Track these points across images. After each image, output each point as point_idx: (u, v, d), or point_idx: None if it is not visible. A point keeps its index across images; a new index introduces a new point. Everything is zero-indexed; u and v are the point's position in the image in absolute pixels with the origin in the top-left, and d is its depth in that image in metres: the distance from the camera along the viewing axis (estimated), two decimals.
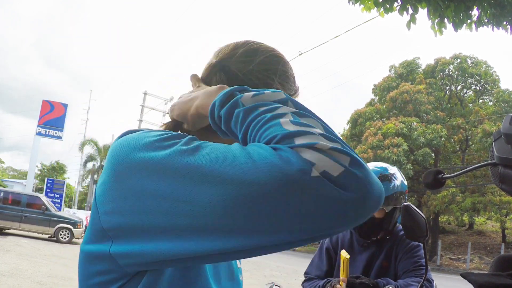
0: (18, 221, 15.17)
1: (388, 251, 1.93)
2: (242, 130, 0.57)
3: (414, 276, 1.78)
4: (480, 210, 23.78)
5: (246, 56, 0.79)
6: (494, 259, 0.73)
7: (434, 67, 28.43)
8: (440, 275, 17.55)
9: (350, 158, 0.49)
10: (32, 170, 29.26)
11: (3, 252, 10.66)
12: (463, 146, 27.48)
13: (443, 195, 22.80)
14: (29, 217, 15.06)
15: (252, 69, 0.78)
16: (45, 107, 27.71)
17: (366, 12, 4.70)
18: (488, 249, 24.47)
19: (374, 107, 28.23)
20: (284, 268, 15.69)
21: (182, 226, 0.52)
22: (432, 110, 25.76)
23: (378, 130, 24.78)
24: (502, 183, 0.72)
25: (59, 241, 15.14)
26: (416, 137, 23.92)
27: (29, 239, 14.85)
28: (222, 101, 0.61)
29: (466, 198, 22.82)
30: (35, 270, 8.65)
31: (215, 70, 0.80)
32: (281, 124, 0.52)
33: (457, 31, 4.50)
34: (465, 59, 27.59)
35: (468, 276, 0.68)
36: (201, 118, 0.72)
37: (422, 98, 25.65)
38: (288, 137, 0.50)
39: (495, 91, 27.05)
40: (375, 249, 1.96)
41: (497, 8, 4.34)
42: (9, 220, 15.12)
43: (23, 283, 7.23)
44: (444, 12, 4.42)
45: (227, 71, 0.79)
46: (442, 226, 29.22)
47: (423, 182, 0.88)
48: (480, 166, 0.83)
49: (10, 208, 15.21)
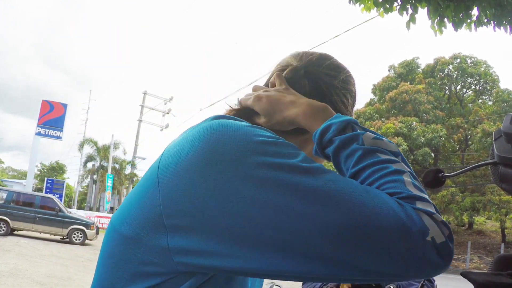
0: (31, 222, 15.26)
1: None
2: (356, 167, 0.59)
3: None
4: (479, 210, 23.80)
5: (332, 70, 0.80)
6: (494, 258, 0.73)
7: (434, 67, 28.45)
8: (440, 274, 17.53)
9: (448, 232, 0.54)
10: (32, 170, 29.23)
11: (2, 252, 10.65)
12: (463, 146, 27.50)
13: (443, 195, 22.81)
14: (42, 218, 15.02)
15: (335, 85, 0.79)
16: (44, 107, 27.69)
17: (365, 12, 4.70)
18: (488, 248, 24.48)
19: (374, 107, 28.25)
20: None
21: (279, 240, 0.51)
22: (432, 110, 25.78)
23: (377, 130, 24.79)
24: (502, 182, 0.72)
25: (72, 242, 15.09)
26: (416, 137, 23.94)
27: (28, 239, 14.84)
28: (340, 128, 0.63)
29: (465, 197, 22.84)
30: (35, 270, 8.65)
31: (300, 75, 0.79)
32: (405, 183, 0.56)
33: (457, 30, 4.49)
34: (464, 59, 27.62)
35: (468, 275, 0.68)
36: (291, 125, 0.72)
37: (422, 98, 25.67)
38: (412, 198, 0.54)
39: (495, 90, 27.08)
40: None
41: (497, 8, 4.34)
42: (22, 221, 15.26)
43: (23, 283, 7.23)
44: (444, 12, 4.41)
45: (312, 80, 0.78)
46: None
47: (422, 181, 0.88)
48: (480, 165, 0.83)
49: (23, 209, 15.35)
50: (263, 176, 0.53)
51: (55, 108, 28.19)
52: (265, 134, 0.58)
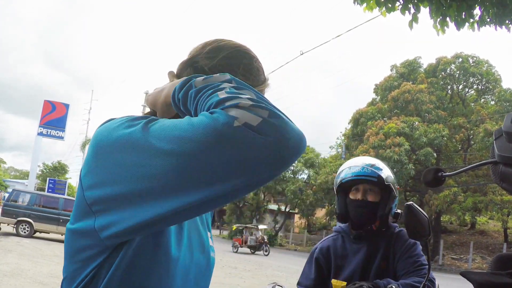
0: (55, 224, 16.23)
1: (385, 251, 1.89)
2: (193, 107, 0.69)
3: (415, 277, 1.76)
4: (481, 210, 23.74)
5: (212, 53, 0.90)
6: (493, 258, 0.72)
7: (436, 66, 28.38)
8: (442, 274, 17.52)
9: (268, 112, 0.60)
10: (34, 170, 29.30)
11: (4, 252, 10.68)
12: (465, 146, 27.43)
13: (445, 195, 22.75)
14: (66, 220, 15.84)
15: (216, 64, 0.89)
16: (46, 107, 27.74)
17: (368, 11, 4.69)
18: (490, 248, 24.43)
19: (376, 107, 28.21)
20: (286, 268, 15.70)
21: (145, 189, 0.63)
22: (434, 110, 25.73)
23: (379, 130, 24.76)
24: (503, 182, 0.72)
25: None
26: (418, 136, 23.89)
27: (30, 239, 14.88)
28: (181, 86, 0.72)
29: (467, 197, 22.76)
30: (37, 270, 8.67)
31: (186, 66, 0.92)
32: (218, 95, 0.64)
33: (460, 30, 4.48)
34: (466, 58, 27.53)
35: (467, 275, 0.67)
36: (168, 107, 0.80)
37: (424, 97, 25.62)
38: (220, 102, 0.62)
39: (497, 90, 26.99)
40: (371, 249, 1.91)
41: (499, 7, 4.33)
42: (46, 223, 16.25)
43: (25, 283, 7.25)
44: (446, 11, 4.40)
45: (195, 67, 0.90)
46: (444, 225, 29.17)
47: (422, 180, 0.88)
48: (480, 164, 0.82)
49: (47, 211, 16.41)
50: (121, 144, 0.67)
51: (57, 108, 28.25)
52: (126, 118, 0.72)
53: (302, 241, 34.32)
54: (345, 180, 1.95)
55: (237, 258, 18.85)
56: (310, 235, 36.17)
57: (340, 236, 2.03)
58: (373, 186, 1.92)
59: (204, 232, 0.94)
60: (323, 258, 2.00)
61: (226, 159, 0.58)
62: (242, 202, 35.40)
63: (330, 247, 2.01)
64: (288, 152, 0.59)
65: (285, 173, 30.72)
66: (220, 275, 11.78)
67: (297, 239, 36.42)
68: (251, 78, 0.90)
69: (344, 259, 1.95)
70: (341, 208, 1.99)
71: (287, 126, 0.60)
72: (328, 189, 26.71)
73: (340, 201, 2.00)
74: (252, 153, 0.58)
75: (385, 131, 24.37)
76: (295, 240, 36.36)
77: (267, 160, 0.58)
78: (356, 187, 1.95)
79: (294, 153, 0.61)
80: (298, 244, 34.09)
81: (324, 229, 35.46)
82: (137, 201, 0.64)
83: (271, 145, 0.58)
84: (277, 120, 0.60)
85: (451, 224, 31.38)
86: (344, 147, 29.39)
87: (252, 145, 0.57)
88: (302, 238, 35.41)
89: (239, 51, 0.91)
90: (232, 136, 0.57)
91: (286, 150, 0.59)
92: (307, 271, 2.05)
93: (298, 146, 0.61)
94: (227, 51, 0.89)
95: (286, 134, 0.59)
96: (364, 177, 1.91)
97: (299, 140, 0.61)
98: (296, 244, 33.95)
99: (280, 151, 0.59)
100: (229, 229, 35.44)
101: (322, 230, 35.64)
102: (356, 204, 1.92)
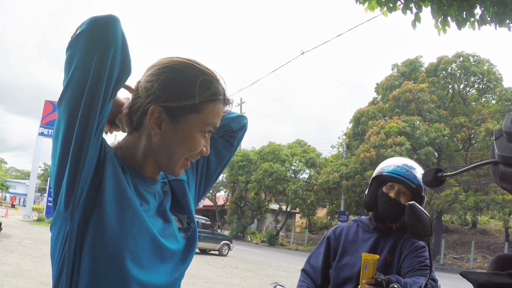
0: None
1: (393, 246, 1.94)
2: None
3: (420, 275, 1.79)
4: (483, 209, 23.71)
5: (150, 76, 1.00)
6: (493, 258, 0.72)
7: (437, 65, 28.34)
8: (443, 274, 17.51)
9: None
10: (35, 171, 29.35)
11: (6, 252, 10.69)
12: (466, 145, 27.40)
13: (446, 194, 22.73)
14: (203, 237, 18.36)
15: (152, 87, 0.98)
16: (47, 107, 27.71)
17: (369, 11, 4.68)
18: (492, 248, 24.41)
19: (377, 106, 28.19)
20: (287, 268, 15.70)
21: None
22: (435, 109, 25.70)
23: (380, 129, 24.74)
24: (503, 182, 0.72)
25: (221, 254, 19.17)
26: (419, 136, 23.86)
27: (31, 240, 14.90)
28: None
29: (469, 197, 22.72)
30: (38, 270, 8.68)
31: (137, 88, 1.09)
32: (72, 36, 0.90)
33: (461, 29, 4.48)
34: (467, 58, 27.48)
35: (467, 275, 0.67)
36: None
37: (425, 96, 25.58)
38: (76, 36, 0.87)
39: (498, 89, 26.96)
40: (380, 241, 1.98)
41: (500, 6, 4.33)
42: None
43: (26, 283, 7.26)
44: (448, 11, 4.40)
45: (141, 91, 1.04)
46: (445, 225, 29.14)
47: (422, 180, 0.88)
48: (481, 164, 0.82)
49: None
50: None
51: None
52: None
53: (303, 241, 34.30)
54: (385, 173, 2.00)
55: (238, 257, 18.86)
56: (311, 234, 36.18)
57: (356, 224, 2.12)
58: (407, 190, 1.97)
59: (167, 223, 1.04)
60: (334, 238, 2.11)
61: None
62: (243, 202, 35.39)
63: (343, 230, 2.11)
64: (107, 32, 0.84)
65: (286, 173, 30.72)
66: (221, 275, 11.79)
67: (298, 239, 36.41)
68: (192, 98, 0.97)
69: (353, 244, 2.03)
70: (372, 196, 2.05)
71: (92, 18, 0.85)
72: (329, 188, 26.71)
73: (372, 190, 2.06)
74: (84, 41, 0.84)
75: (386, 130, 24.35)
76: (296, 239, 36.34)
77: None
78: (392, 183, 1.99)
79: (109, 31, 0.84)
80: (299, 244, 34.05)
81: (325, 229, 35.44)
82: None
83: (85, 32, 0.84)
84: (86, 23, 0.84)
85: (452, 223, 31.34)
86: (345, 146, 29.37)
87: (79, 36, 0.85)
88: (303, 238, 35.41)
89: (173, 73, 0.99)
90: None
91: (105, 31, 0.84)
92: (317, 250, 2.15)
93: (107, 21, 0.84)
94: (162, 76, 0.99)
95: (92, 20, 0.85)
96: (404, 179, 1.96)
97: (111, 18, 0.85)
98: (297, 244, 33.91)
99: (92, 32, 0.84)
100: (230, 228, 35.46)
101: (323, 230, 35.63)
102: (387, 200, 1.97)
